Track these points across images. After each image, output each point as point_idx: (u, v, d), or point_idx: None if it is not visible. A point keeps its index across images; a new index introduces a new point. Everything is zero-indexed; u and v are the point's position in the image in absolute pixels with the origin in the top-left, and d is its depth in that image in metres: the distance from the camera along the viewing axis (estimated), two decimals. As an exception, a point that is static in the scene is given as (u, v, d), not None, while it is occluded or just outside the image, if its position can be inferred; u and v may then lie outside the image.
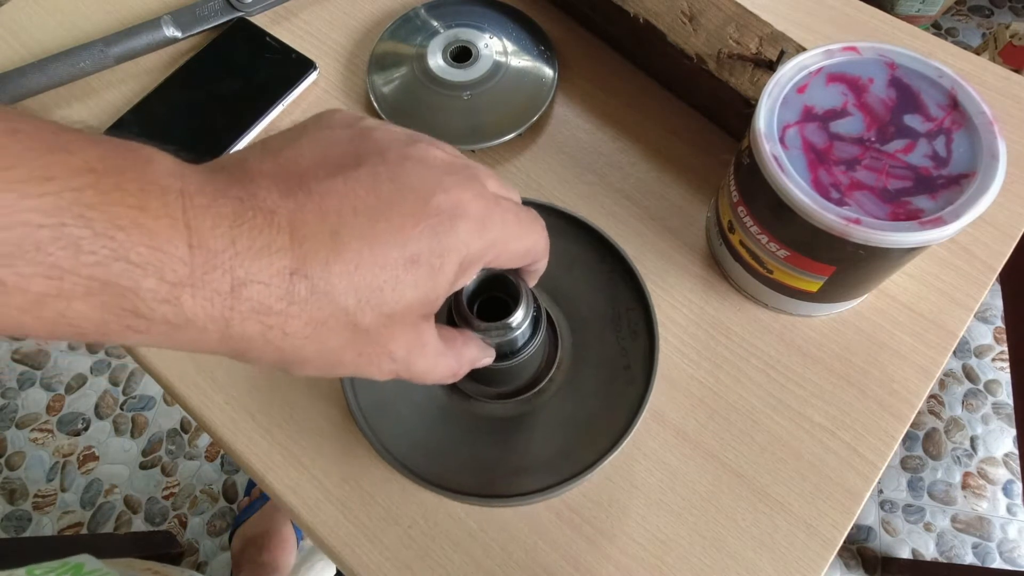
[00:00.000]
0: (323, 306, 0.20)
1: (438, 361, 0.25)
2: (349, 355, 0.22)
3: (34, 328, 0.17)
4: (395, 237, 0.20)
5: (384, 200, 0.21)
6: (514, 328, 0.28)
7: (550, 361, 0.35)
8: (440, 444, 0.34)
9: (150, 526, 1.09)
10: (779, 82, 0.33)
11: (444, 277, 0.22)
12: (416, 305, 0.22)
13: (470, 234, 0.22)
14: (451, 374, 0.26)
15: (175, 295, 0.17)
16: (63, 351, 1.23)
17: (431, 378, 0.25)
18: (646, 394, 0.33)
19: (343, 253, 0.20)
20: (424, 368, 0.24)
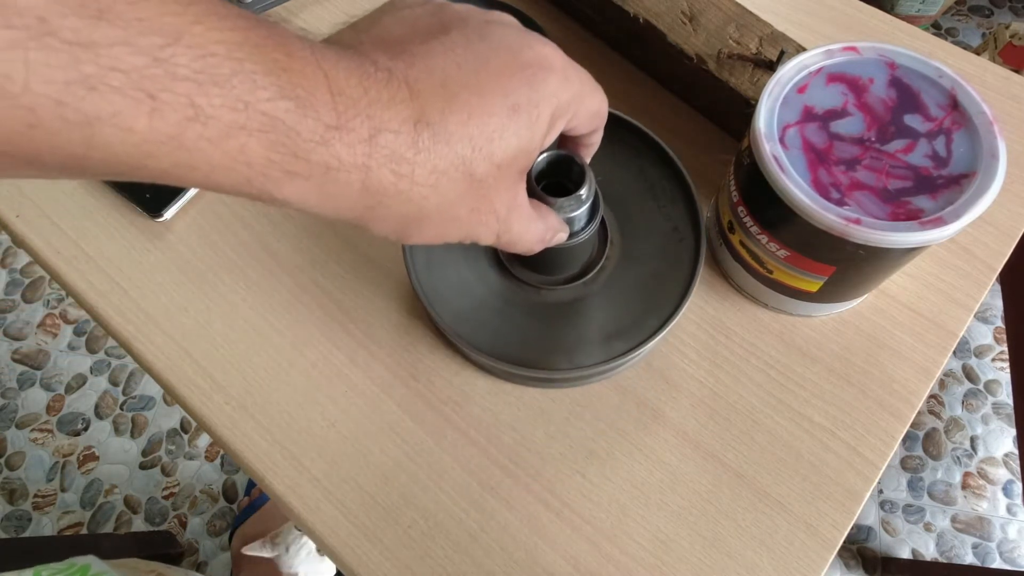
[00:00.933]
0: (444, 154, 0.21)
1: (531, 225, 0.27)
2: (464, 210, 0.23)
3: (217, 162, 0.18)
4: (497, 87, 0.22)
5: (480, 56, 0.22)
6: (584, 200, 0.30)
7: (603, 241, 0.37)
8: (502, 330, 0.35)
9: (150, 526, 1.09)
10: (779, 82, 0.33)
11: (540, 127, 0.24)
12: (519, 155, 0.23)
13: (558, 85, 0.24)
14: (539, 239, 0.28)
15: (328, 138, 0.19)
16: (63, 351, 1.23)
17: (524, 241, 0.27)
18: (699, 247, 0.35)
19: (455, 103, 0.21)
20: (520, 230, 0.26)
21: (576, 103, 0.25)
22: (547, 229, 0.29)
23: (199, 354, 0.39)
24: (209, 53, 0.16)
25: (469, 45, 0.22)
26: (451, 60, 0.22)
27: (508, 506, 0.35)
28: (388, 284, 0.41)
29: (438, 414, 0.37)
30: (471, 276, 0.36)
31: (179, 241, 0.43)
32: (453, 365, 0.39)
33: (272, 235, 0.43)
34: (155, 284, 0.41)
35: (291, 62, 0.18)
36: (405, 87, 0.21)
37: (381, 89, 0.20)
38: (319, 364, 0.39)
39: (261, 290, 0.41)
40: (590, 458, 0.36)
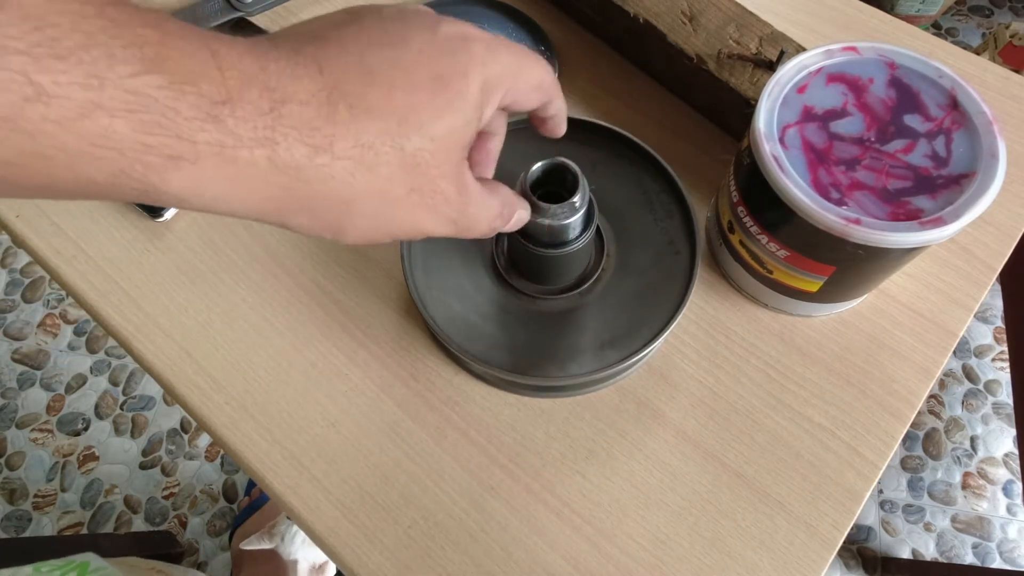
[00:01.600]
0: (368, 127, 0.20)
1: (485, 202, 0.26)
2: (401, 189, 0.22)
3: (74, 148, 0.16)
4: (418, 60, 0.21)
5: (396, 35, 0.22)
6: (577, 208, 0.30)
7: (600, 252, 0.37)
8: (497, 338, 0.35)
9: (150, 526, 1.09)
10: (779, 82, 0.33)
11: (470, 98, 0.23)
12: (454, 129, 0.22)
13: (483, 53, 0.23)
14: (498, 216, 0.27)
15: (216, 114, 0.17)
16: (63, 351, 1.23)
17: (482, 224, 0.26)
18: (694, 261, 0.35)
19: (375, 76, 0.20)
20: (475, 212, 0.25)
21: (510, 75, 0.24)
22: (503, 204, 0.27)
23: (199, 354, 0.39)
24: (48, 24, 0.14)
25: (384, 26, 0.22)
26: (365, 39, 0.21)
27: (508, 506, 0.35)
28: (388, 285, 0.41)
29: (438, 414, 0.37)
30: (468, 285, 0.36)
31: (179, 241, 0.43)
32: (453, 365, 0.39)
33: (272, 235, 0.42)
34: (155, 284, 0.41)
35: (164, 38, 0.17)
36: (314, 64, 0.19)
37: (284, 65, 0.19)
38: (319, 364, 0.39)
39: (261, 290, 0.41)
40: (590, 458, 0.36)
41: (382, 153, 0.21)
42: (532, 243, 0.32)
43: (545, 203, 0.30)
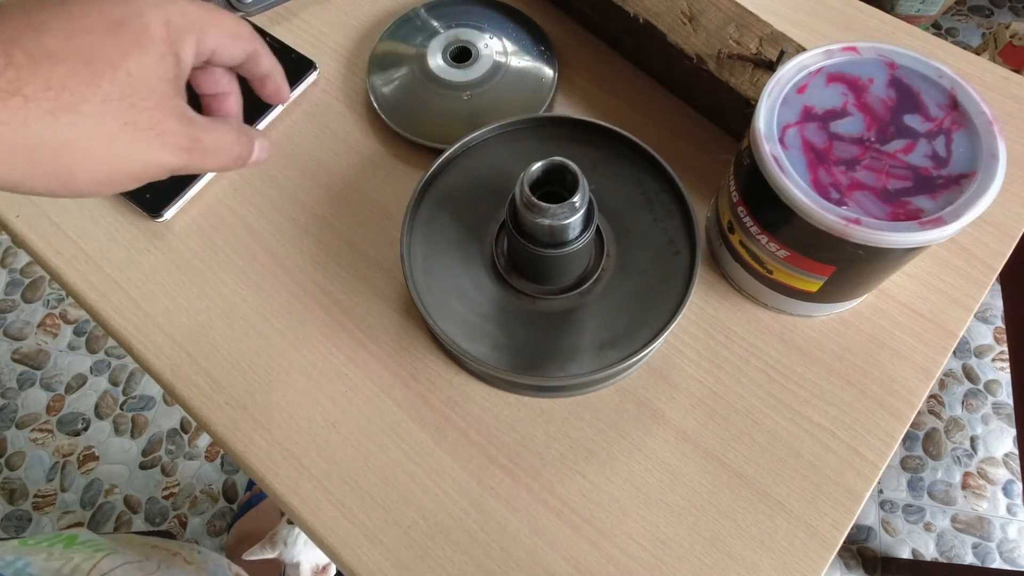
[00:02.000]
0: (53, 70, 0.21)
1: (218, 129, 0.27)
2: (114, 124, 0.23)
3: None
4: (88, 9, 0.23)
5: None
6: (577, 208, 0.31)
7: (600, 252, 0.37)
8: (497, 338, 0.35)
9: (150, 526, 1.09)
10: (779, 82, 0.33)
11: (156, 35, 0.24)
12: (150, 65, 0.24)
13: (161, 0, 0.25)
14: (237, 142, 0.28)
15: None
16: (63, 351, 1.23)
17: (223, 151, 0.28)
18: (694, 261, 0.35)
19: (48, 26, 0.22)
20: (210, 139, 0.27)
21: (197, 20, 0.26)
22: (239, 132, 0.28)
23: (199, 354, 0.39)
24: None
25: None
26: (37, 2, 0.22)
27: (508, 506, 0.35)
28: (388, 285, 0.41)
29: (438, 414, 0.37)
30: (468, 285, 0.36)
31: (179, 241, 0.43)
32: (453, 365, 0.39)
33: (272, 235, 0.43)
34: (155, 284, 0.41)
35: None
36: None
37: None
38: (319, 364, 0.39)
39: (261, 290, 0.41)
40: (590, 458, 0.36)
41: (78, 92, 0.22)
42: (532, 243, 0.32)
43: (545, 203, 0.30)
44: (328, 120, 0.46)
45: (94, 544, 0.47)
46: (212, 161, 0.28)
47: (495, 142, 0.40)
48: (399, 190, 0.44)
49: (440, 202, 0.38)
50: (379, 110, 0.45)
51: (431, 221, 0.38)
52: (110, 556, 0.46)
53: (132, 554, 0.48)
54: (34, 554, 0.44)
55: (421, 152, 0.45)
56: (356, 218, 0.43)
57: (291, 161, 0.45)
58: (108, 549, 0.47)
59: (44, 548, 0.45)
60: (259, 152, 0.31)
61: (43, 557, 0.43)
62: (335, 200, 0.44)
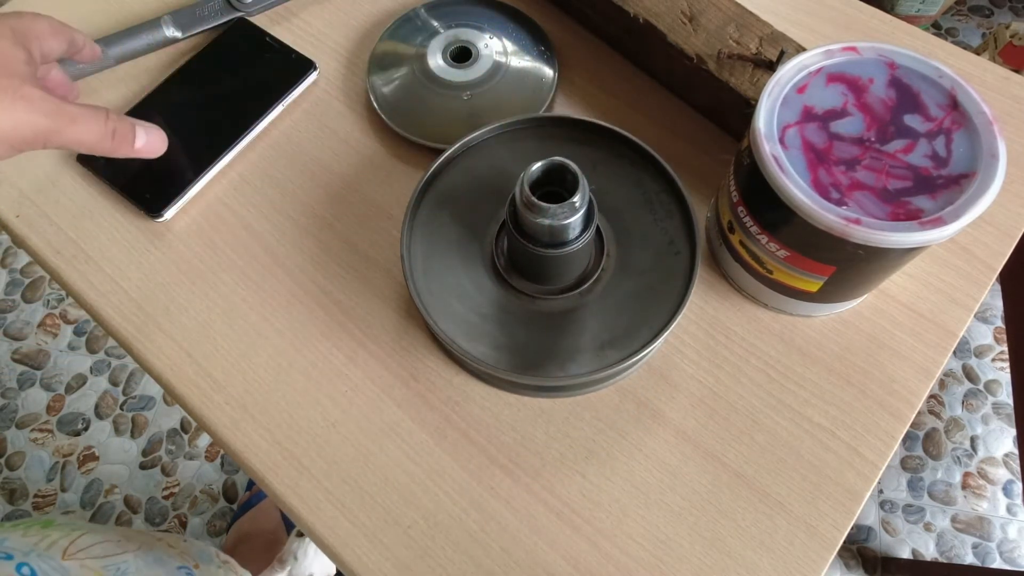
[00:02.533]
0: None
1: (86, 108, 0.34)
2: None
3: None
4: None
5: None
6: (577, 208, 0.31)
7: (600, 252, 0.37)
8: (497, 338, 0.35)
9: (150, 526, 1.09)
10: (779, 82, 0.33)
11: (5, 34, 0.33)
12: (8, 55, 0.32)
13: (7, 15, 0.34)
14: (105, 121, 0.35)
15: None
16: (63, 351, 1.23)
17: (90, 122, 0.34)
18: (694, 261, 0.35)
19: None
20: (74, 111, 0.33)
21: (33, 27, 0.35)
22: (110, 118, 0.35)
23: (199, 354, 0.39)
24: None
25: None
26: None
27: (508, 506, 0.35)
28: (388, 285, 0.41)
29: (438, 414, 0.38)
30: (468, 285, 0.36)
31: (179, 241, 0.43)
32: (453, 365, 0.39)
33: (272, 235, 0.43)
34: (155, 284, 0.41)
35: None
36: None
37: None
38: (319, 364, 0.39)
39: (261, 290, 0.41)
40: (590, 458, 0.36)
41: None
42: (532, 243, 0.32)
43: (545, 203, 0.30)
44: (328, 120, 0.46)
45: (71, 525, 0.47)
46: (79, 130, 0.33)
47: (495, 142, 0.40)
48: (399, 190, 0.44)
49: (440, 202, 0.38)
50: (379, 110, 0.45)
51: (431, 221, 0.38)
52: (88, 534, 0.46)
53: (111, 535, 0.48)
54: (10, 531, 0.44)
55: (421, 152, 0.45)
56: (356, 218, 0.43)
57: (291, 161, 0.45)
58: (86, 529, 0.47)
59: (20, 527, 0.45)
60: (144, 138, 0.37)
61: (20, 533, 0.43)
62: (335, 200, 0.44)
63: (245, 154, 0.45)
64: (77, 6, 0.51)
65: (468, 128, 0.39)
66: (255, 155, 0.45)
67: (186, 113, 0.45)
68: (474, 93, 0.45)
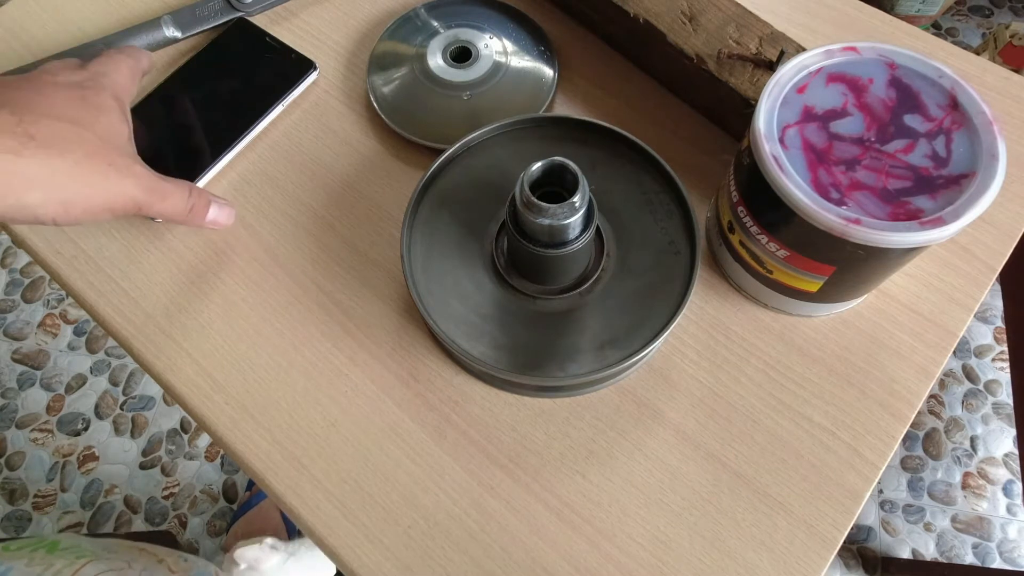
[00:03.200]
0: (47, 131, 0.32)
1: (172, 181, 0.37)
2: (101, 164, 0.33)
3: None
4: (55, 88, 0.35)
5: (46, 83, 0.35)
6: (577, 208, 0.31)
7: (600, 252, 0.37)
8: (497, 338, 0.35)
9: (150, 526, 1.09)
10: (779, 82, 0.33)
11: (111, 105, 0.36)
12: (114, 123, 0.35)
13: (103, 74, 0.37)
14: (189, 194, 0.38)
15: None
16: (63, 351, 1.23)
17: (176, 200, 0.37)
18: (694, 261, 0.35)
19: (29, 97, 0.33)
20: (166, 186, 0.36)
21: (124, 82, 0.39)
22: (191, 189, 0.39)
23: (199, 354, 0.39)
24: None
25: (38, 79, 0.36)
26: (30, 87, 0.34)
27: (508, 506, 0.35)
28: (388, 285, 0.41)
29: (438, 414, 0.38)
30: (468, 285, 0.36)
31: (179, 241, 0.43)
32: (453, 365, 0.39)
33: (272, 235, 0.43)
34: (155, 284, 0.41)
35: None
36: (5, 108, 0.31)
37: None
38: (319, 364, 0.39)
39: (261, 290, 0.41)
40: (590, 458, 0.36)
41: (68, 142, 0.32)
42: (532, 243, 0.32)
43: (545, 203, 0.30)
44: (328, 120, 0.46)
45: (76, 550, 0.47)
46: (166, 205, 0.37)
47: (495, 142, 0.40)
48: (399, 190, 0.44)
49: (440, 202, 0.38)
50: (379, 110, 0.45)
51: (431, 221, 0.38)
52: (92, 563, 0.46)
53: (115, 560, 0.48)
54: (15, 559, 0.44)
55: (421, 152, 0.45)
56: (356, 218, 0.43)
57: (291, 161, 0.45)
58: (90, 555, 0.47)
59: (26, 553, 0.45)
60: (217, 214, 0.40)
61: (24, 563, 0.43)
62: (335, 200, 0.44)
63: (245, 154, 0.45)
64: (77, 6, 0.51)
65: (468, 128, 0.39)
66: (255, 155, 0.45)
67: (186, 113, 0.45)
68: (474, 93, 0.45)
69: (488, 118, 0.44)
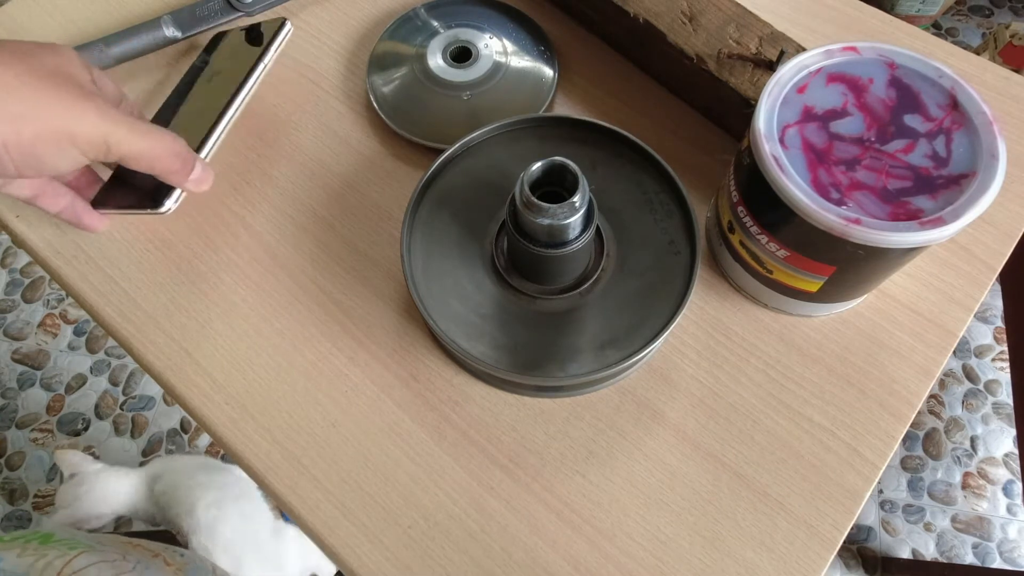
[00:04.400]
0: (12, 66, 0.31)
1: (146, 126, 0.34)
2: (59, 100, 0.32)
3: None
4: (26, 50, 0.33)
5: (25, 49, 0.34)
6: (577, 208, 0.31)
7: (600, 252, 0.37)
8: (497, 338, 0.35)
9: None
10: (779, 82, 0.33)
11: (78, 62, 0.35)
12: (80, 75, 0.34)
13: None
14: (175, 139, 0.36)
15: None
16: (63, 351, 1.23)
17: (152, 140, 0.34)
18: (694, 261, 0.35)
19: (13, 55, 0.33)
20: (145, 125, 0.34)
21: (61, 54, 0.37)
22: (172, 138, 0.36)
23: (199, 354, 0.39)
24: None
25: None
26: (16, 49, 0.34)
27: (508, 506, 0.35)
28: (388, 285, 0.41)
29: (438, 414, 0.38)
30: (468, 285, 0.36)
31: (179, 241, 0.43)
32: (453, 365, 0.39)
33: (272, 235, 0.43)
34: (155, 284, 0.41)
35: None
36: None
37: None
38: (319, 364, 0.39)
39: (261, 290, 0.41)
40: (590, 458, 0.36)
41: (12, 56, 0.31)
42: (532, 243, 0.32)
43: (545, 203, 0.30)
44: (328, 120, 0.46)
45: (69, 542, 0.47)
46: (146, 144, 0.34)
47: (495, 142, 0.40)
48: (399, 190, 0.44)
49: (440, 202, 0.38)
50: (379, 110, 0.45)
51: (431, 221, 0.38)
52: (85, 554, 0.45)
53: (109, 552, 0.48)
54: (7, 550, 0.43)
55: (421, 152, 0.45)
56: (356, 218, 0.43)
57: (291, 161, 0.45)
58: (84, 547, 0.47)
59: (19, 544, 0.45)
60: (202, 172, 0.38)
61: (16, 553, 0.43)
62: (335, 200, 0.44)
63: (245, 154, 0.45)
64: (77, 6, 0.51)
65: (468, 128, 0.39)
66: (255, 155, 0.45)
67: (177, 110, 0.45)
68: (474, 93, 0.45)
69: (488, 118, 0.44)
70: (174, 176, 0.37)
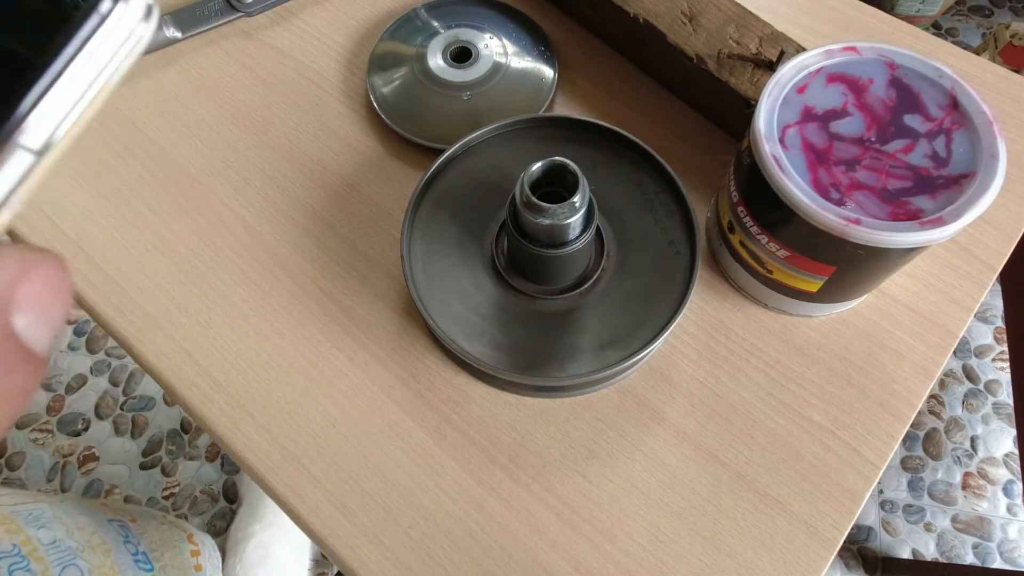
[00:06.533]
0: None
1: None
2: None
3: None
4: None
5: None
6: (577, 208, 0.31)
7: (600, 252, 0.37)
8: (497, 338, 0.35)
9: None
10: (779, 82, 0.33)
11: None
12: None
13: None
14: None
15: None
16: (63, 351, 1.23)
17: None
18: (694, 261, 0.35)
19: None
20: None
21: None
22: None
23: (199, 354, 0.39)
24: None
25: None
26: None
27: (508, 506, 0.35)
28: (388, 285, 0.41)
29: (438, 414, 0.38)
30: (468, 285, 0.36)
31: (179, 241, 0.43)
32: (453, 365, 0.39)
33: (272, 235, 0.43)
34: (155, 284, 0.41)
35: None
36: None
37: None
38: (319, 364, 0.39)
39: (261, 290, 0.41)
40: (590, 458, 0.36)
41: None
42: (532, 243, 0.32)
43: (545, 203, 0.30)
44: (328, 120, 0.46)
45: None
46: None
47: (495, 142, 0.40)
48: (399, 190, 0.44)
49: (440, 202, 0.38)
50: (379, 110, 0.45)
51: (431, 221, 0.38)
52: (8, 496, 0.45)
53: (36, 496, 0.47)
54: None
55: (421, 152, 0.45)
56: (356, 218, 0.43)
57: (291, 161, 0.45)
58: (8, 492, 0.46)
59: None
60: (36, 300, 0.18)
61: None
62: (335, 200, 0.44)
63: (245, 154, 0.45)
64: (77, 6, 0.51)
65: (468, 128, 0.39)
66: (254, 155, 0.45)
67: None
68: (474, 93, 0.45)
69: (488, 118, 0.44)
70: None
